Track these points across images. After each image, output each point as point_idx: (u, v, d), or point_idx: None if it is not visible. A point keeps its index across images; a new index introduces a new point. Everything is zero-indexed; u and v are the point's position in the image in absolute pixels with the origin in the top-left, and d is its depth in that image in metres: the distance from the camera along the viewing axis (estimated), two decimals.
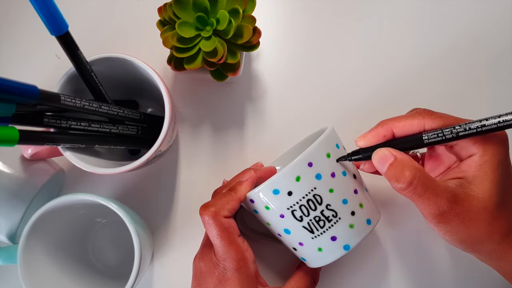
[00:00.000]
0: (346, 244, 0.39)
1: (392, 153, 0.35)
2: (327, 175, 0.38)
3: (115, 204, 0.42)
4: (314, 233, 0.39)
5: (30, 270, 0.42)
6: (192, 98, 0.52)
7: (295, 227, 0.39)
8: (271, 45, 0.53)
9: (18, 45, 0.55)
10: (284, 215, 0.39)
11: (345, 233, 0.39)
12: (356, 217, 0.39)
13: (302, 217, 0.38)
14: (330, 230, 0.39)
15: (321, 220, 0.38)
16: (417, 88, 0.52)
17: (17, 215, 0.44)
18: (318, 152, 0.38)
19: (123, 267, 0.48)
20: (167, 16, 0.44)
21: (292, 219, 0.39)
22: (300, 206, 0.38)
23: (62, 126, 0.39)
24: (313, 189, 0.38)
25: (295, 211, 0.38)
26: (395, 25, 0.53)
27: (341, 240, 0.39)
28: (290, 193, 0.38)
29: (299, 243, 0.40)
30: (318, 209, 0.38)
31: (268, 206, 0.39)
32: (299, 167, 0.38)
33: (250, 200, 0.40)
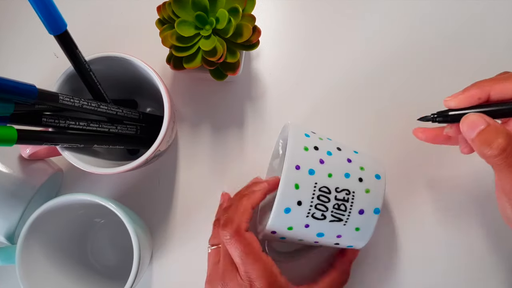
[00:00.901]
0: (374, 208, 0.40)
1: (485, 119, 0.33)
2: (317, 165, 0.39)
3: (114, 204, 0.42)
4: (343, 220, 0.39)
5: (28, 270, 0.41)
6: (191, 97, 0.52)
7: (324, 226, 0.39)
8: (271, 44, 0.53)
9: (17, 44, 0.54)
10: (308, 224, 0.39)
11: (366, 200, 0.39)
12: (365, 181, 0.40)
13: (323, 215, 0.39)
14: (353, 208, 0.39)
15: (341, 205, 0.39)
16: (420, 85, 0.51)
17: (15, 215, 0.44)
18: (296, 152, 0.39)
19: (122, 268, 0.48)
20: (166, 15, 0.44)
21: (317, 222, 0.39)
22: (316, 206, 0.38)
23: (61, 126, 0.39)
24: (315, 185, 0.38)
25: (315, 214, 0.38)
26: (396, 23, 0.53)
27: (367, 209, 0.39)
28: (299, 202, 0.38)
29: (336, 236, 0.40)
30: (331, 198, 0.38)
31: (290, 227, 0.39)
32: (290, 176, 0.38)
33: (272, 232, 0.40)
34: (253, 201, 0.40)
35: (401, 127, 0.50)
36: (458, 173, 0.50)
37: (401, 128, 0.50)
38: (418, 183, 0.50)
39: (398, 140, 0.50)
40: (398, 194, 0.49)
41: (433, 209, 0.49)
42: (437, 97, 0.50)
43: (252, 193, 0.41)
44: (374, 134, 0.51)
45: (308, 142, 0.40)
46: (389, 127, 0.51)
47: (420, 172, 0.50)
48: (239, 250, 0.38)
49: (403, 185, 0.49)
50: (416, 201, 0.49)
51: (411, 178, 0.50)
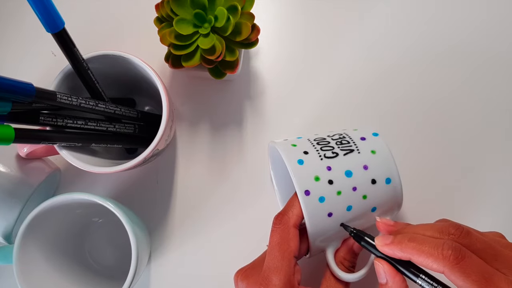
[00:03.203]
0: (372, 132, 0.41)
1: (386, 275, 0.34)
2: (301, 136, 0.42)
3: (112, 204, 0.41)
4: (354, 150, 0.40)
5: (26, 270, 0.41)
6: (190, 96, 0.52)
7: (344, 163, 0.39)
8: (270, 42, 0.53)
9: (14, 42, 0.54)
10: (329, 165, 0.39)
11: (359, 133, 0.41)
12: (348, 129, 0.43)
13: (334, 152, 0.40)
14: (353, 138, 0.41)
15: (341, 139, 0.41)
16: (418, 87, 0.51)
17: (13, 214, 0.44)
18: (280, 140, 0.42)
19: (120, 267, 0.48)
20: (165, 13, 0.43)
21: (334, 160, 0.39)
22: (321, 148, 0.40)
23: (58, 125, 0.39)
24: (308, 139, 0.41)
25: (326, 153, 0.39)
26: (397, 22, 0.53)
27: (366, 135, 0.41)
28: (305, 152, 0.39)
29: (363, 167, 0.39)
30: (329, 141, 0.40)
31: (316, 176, 0.38)
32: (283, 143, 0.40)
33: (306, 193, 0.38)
34: None
35: (401, 124, 0.50)
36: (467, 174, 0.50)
37: (402, 126, 0.50)
38: (422, 188, 0.50)
39: (398, 138, 0.50)
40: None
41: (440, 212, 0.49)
42: (441, 102, 0.51)
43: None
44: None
45: (290, 139, 0.42)
46: (389, 124, 0.51)
47: (424, 177, 0.50)
48: (275, 242, 0.37)
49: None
50: (426, 206, 0.49)
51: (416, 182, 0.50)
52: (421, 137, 0.50)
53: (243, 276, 0.39)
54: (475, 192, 0.49)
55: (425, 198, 0.49)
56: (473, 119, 0.50)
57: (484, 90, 0.51)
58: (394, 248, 0.33)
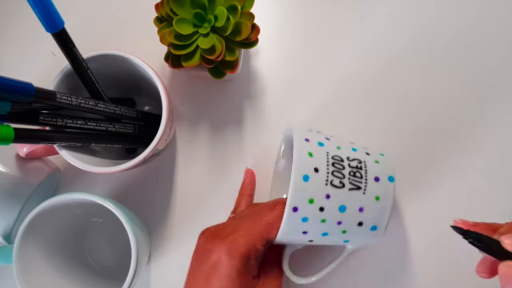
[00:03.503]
0: (388, 176, 0.40)
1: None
2: (325, 140, 0.40)
3: (111, 204, 0.41)
4: (361, 188, 0.39)
5: (25, 270, 0.41)
6: (190, 96, 0.52)
7: (344, 197, 0.38)
8: (270, 42, 0.53)
9: (13, 42, 0.54)
10: (328, 193, 0.38)
11: (378, 168, 0.40)
12: (372, 155, 0.41)
13: (342, 182, 0.38)
14: (368, 175, 0.39)
15: (356, 172, 0.39)
16: (418, 87, 0.51)
17: (13, 214, 0.44)
18: (303, 131, 0.40)
19: (120, 267, 0.47)
20: (165, 12, 0.43)
21: (337, 191, 0.38)
22: (332, 173, 0.38)
23: (58, 124, 0.39)
24: (327, 153, 0.39)
25: (333, 181, 0.38)
26: (397, 22, 0.53)
27: (382, 176, 0.40)
28: (316, 169, 0.38)
29: (359, 209, 0.39)
30: (345, 165, 0.39)
31: (311, 199, 0.38)
32: (302, 146, 0.39)
33: (293, 209, 0.38)
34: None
35: (401, 125, 0.50)
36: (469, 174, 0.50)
37: (402, 127, 0.50)
38: (427, 184, 0.50)
39: (397, 139, 0.50)
40: (406, 197, 0.49)
41: (442, 211, 0.49)
42: (441, 105, 0.51)
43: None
44: (374, 132, 0.50)
45: (310, 135, 0.41)
46: (388, 124, 0.51)
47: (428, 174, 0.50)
48: (272, 218, 0.39)
49: (410, 187, 0.49)
50: (426, 201, 0.49)
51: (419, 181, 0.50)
52: (421, 137, 0.50)
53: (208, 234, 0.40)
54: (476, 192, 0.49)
55: (423, 196, 0.49)
56: (473, 117, 0.50)
57: (485, 89, 0.51)
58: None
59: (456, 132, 0.50)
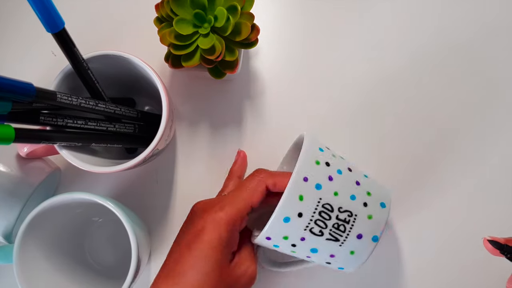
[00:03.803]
0: (374, 235, 0.39)
1: None
2: (326, 181, 0.38)
3: (112, 203, 0.42)
4: (339, 240, 0.39)
5: (26, 269, 0.41)
6: (190, 96, 0.52)
7: (320, 243, 0.39)
8: (269, 42, 0.53)
9: (14, 42, 0.54)
10: (304, 237, 0.39)
11: (367, 226, 0.39)
12: (369, 207, 0.39)
13: (322, 231, 0.38)
14: (353, 230, 0.38)
15: (340, 225, 0.38)
16: (418, 87, 0.51)
17: (13, 214, 0.44)
18: (307, 164, 0.38)
19: (120, 267, 0.48)
20: (165, 13, 0.43)
21: (314, 237, 0.38)
22: (315, 221, 0.38)
23: (59, 124, 0.39)
24: (319, 200, 0.38)
25: (313, 228, 0.38)
26: (397, 23, 0.53)
27: (367, 234, 0.39)
28: (300, 214, 0.38)
29: (330, 255, 0.40)
30: (332, 216, 0.38)
31: (286, 236, 0.39)
32: (296, 186, 0.38)
33: (267, 238, 0.39)
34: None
35: (402, 125, 0.51)
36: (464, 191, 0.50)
37: (403, 127, 0.51)
38: (423, 197, 0.50)
39: (397, 138, 0.50)
40: (401, 209, 0.50)
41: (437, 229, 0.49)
42: (442, 105, 0.51)
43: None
44: (373, 133, 0.51)
45: (321, 156, 0.40)
46: (389, 126, 0.51)
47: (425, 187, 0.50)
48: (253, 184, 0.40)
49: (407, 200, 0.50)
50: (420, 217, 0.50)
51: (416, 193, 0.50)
52: (421, 138, 0.50)
53: (199, 205, 0.42)
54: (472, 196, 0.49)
55: (418, 201, 0.49)
56: (477, 119, 0.51)
57: (487, 88, 0.51)
58: None
59: (461, 132, 0.50)
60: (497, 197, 0.49)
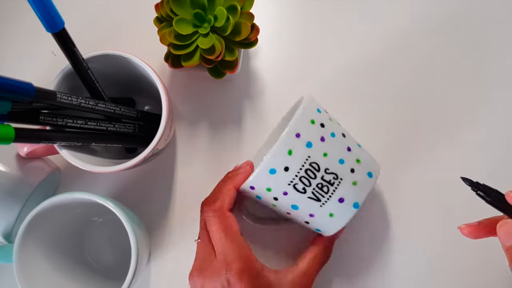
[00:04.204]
0: (355, 202, 0.40)
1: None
2: (317, 141, 0.39)
3: (111, 203, 0.42)
4: (321, 201, 0.39)
5: (26, 269, 0.41)
6: (189, 95, 0.52)
7: (301, 200, 0.39)
8: (269, 42, 0.53)
9: (14, 42, 0.54)
10: (287, 191, 0.39)
11: (351, 191, 0.39)
12: (356, 173, 0.40)
13: (305, 189, 0.39)
14: (335, 193, 0.39)
15: (324, 186, 0.39)
16: (418, 87, 0.51)
17: (13, 213, 0.44)
18: (302, 121, 0.39)
19: (119, 267, 0.48)
20: (164, 13, 0.43)
21: (296, 193, 0.39)
22: (300, 178, 0.38)
23: (58, 124, 0.39)
24: (307, 158, 0.38)
25: (297, 185, 0.38)
26: (397, 23, 0.53)
27: (348, 199, 0.39)
28: (286, 168, 0.38)
29: (309, 214, 0.40)
30: (318, 176, 0.38)
31: (269, 188, 0.39)
32: (287, 141, 0.38)
33: (251, 187, 0.40)
34: (236, 183, 0.41)
35: (403, 126, 0.51)
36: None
37: (403, 127, 0.51)
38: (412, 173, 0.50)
39: (398, 144, 0.50)
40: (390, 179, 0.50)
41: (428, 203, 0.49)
42: (440, 99, 0.51)
43: (236, 175, 0.42)
44: (373, 134, 0.51)
45: (317, 117, 0.40)
46: (389, 126, 0.51)
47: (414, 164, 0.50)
48: (219, 229, 0.38)
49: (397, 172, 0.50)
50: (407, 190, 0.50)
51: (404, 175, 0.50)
52: (422, 138, 0.50)
53: (198, 273, 0.40)
54: None
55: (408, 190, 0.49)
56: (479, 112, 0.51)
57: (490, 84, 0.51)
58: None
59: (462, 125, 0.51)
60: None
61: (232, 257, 0.37)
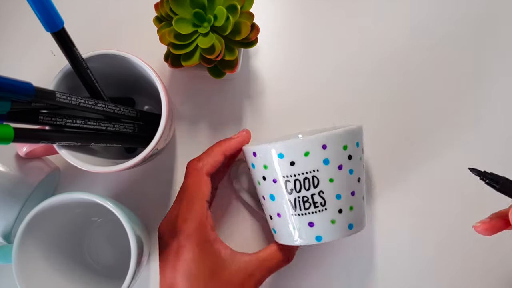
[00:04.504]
0: (319, 235, 0.39)
1: None
2: (334, 165, 0.38)
3: (111, 203, 0.41)
4: (295, 211, 0.39)
5: (25, 269, 0.41)
6: (189, 95, 0.52)
7: (281, 197, 0.39)
8: (269, 42, 0.52)
9: (13, 41, 0.54)
10: (277, 180, 0.39)
11: (324, 225, 0.39)
12: (341, 216, 0.39)
13: (292, 191, 0.39)
14: (311, 216, 0.39)
15: (308, 202, 0.38)
16: (418, 86, 0.51)
17: (12, 214, 0.44)
18: (337, 139, 0.38)
19: (119, 267, 0.47)
20: (164, 12, 0.43)
21: (282, 189, 0.39)
22: (295, 180, 0.38)
23: (58, 124, 0.39)
24: (315, 170, 0.38)
25: (289, 182, 0.38)
26: (396, 22, 0.53)
27: (317, 229, 0.39)
28: (292, 163, 0.38)
29: (277, 213, 0.40)
30: (310, 191, 0.38)
31: (266, 166, 0.39)
32: (313, 143, 0.38)
33: (253, 153, 0.40)
34: (225, 148, 0.42)
35: (401, 125, 0.51)
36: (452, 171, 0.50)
37: (402, 126, 0.51)
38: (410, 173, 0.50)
39: (396, 143, 0.50)
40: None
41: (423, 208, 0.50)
42: (441, 100, 0.51)
43: (228, 139, 0.43)
44: (373, 132, 0.50)
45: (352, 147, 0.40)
46: (387, 125, 0.51)
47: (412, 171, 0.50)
48: (189, 186, 0.39)
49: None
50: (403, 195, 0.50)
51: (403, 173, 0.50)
52: (421, 139, 0.50)
53: (163, 225, 0.41)
54: None
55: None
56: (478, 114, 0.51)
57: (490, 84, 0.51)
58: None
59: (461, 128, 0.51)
60: None
61: (188, 217, 0.38)
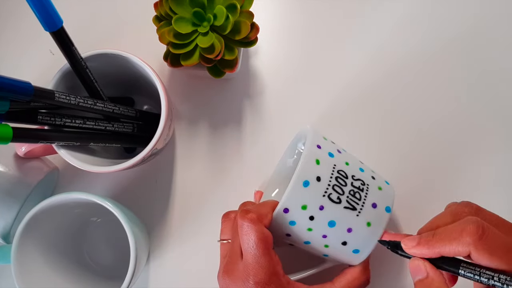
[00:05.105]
0: (386, 206, 0.40)
1: (426, 268, 0.34)
2: (336, 152, 0.40)
3: (110, 203, 0.41)
4: (356, 209, 0.38)
5: (24, 270, 0.41)
6: (189, 95, 0.52)
7: (337, 213, 0.38)
8: (269, 41, 0.52)
9: (12, 41, 0.54)
10: (323, 205, 0.38)
11: (379, 196, 0.40)
12: (377, 180, 0.41)
13: (339, 198, 0.38)
14: (368, 198, 0.39)
15: (356, 192, 0.39)
16: (417, 85, 0.51)
17: (11, 214, 0.44)
18: (317, 137, 0.40)
19: (118, 267, 0.47)
20: (164, 11, 0.43)
21: (332, 205, 0.38)
22: (333, 186, 0.38)
23: (57, 124, 0.39)
24: (334, 165, 0.38)
25: (331, 194, 0.38)
26: (394, 22, 0.53)
27: (380, 204, 0.39)
28: (318, 178, 0.38)
29: (347, 229, 0.39)
30: (348, 183, 0.38)
31: (304, 205, 0.38)
32: (312, 152, 0.38)
33: (285, 210, 0.38)
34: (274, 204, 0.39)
35: (399, 125, 0.50)
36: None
37: (400, 126, 0.50)
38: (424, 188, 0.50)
39: (395, 138, 0.50)
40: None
41: None
42: (440, 101, 0.51)
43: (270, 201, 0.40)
44: (373, 129, 0.50)
45: (324, 140, 0.41)
46: (387, 123, 0.51)
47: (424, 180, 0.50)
48: (252, 241, 0.36)
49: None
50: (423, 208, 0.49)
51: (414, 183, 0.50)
52: (420, 139, 0.50)
53: (225, 274, 0.38)
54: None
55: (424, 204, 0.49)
56: (479, 121, 0.50)
57: (493, 91, 0.51)
58: (421, 248, 0.34)
59: (461, 134, 0.50)
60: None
61: (259, 267, 0.36)
